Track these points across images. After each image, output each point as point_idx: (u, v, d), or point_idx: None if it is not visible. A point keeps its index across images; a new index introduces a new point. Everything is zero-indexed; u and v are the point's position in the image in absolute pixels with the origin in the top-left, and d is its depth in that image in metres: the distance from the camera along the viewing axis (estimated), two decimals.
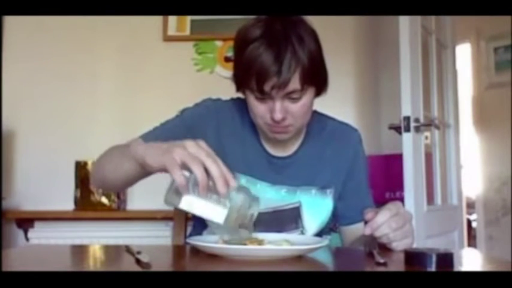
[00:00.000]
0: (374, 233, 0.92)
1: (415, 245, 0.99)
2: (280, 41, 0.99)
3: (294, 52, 0.99)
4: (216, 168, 0.81)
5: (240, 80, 1.08)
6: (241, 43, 1.03)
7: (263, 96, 1.03)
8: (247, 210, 0.85)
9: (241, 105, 1.17)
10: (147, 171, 0.92)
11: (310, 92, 1.06)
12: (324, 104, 1.21)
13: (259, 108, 1.06)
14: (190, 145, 0.83)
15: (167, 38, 2.69)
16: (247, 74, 1.02)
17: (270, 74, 0.98)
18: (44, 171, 2.60)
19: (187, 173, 0.82)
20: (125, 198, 2.58)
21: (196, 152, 0.82)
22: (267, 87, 1.00)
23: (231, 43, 2.20)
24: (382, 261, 0.78)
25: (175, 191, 0.83)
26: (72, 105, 2.66)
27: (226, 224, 0.84)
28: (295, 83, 1.01)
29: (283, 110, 1.03)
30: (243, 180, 1.13)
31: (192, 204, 0.84)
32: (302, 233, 1.15)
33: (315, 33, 1.06)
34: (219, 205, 0.84)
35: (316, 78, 1.05)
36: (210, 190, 0.82)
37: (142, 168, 0.92)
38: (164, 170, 0.83)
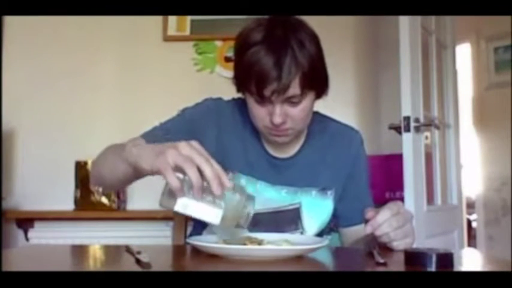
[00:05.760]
0: (375, 231, 0.92)
1: (415, 245, 0.99)
2: (280, 45, 0.99)
3: (294, 57, 0.99)
4: (210, 169, 0.79)
5: (240, 84, 1.08)
6: (242, 47, 1.03)
7: (263, 100, 1.02)
8: (242, 210, 0.84)
9: (242, 106, 1.16)
10: (141, 173, 0.90)
11: (310, 95, 1.05)
12: (324, 105, 1.21)
13: (259, 112, 1.06)
14: (183, 146, 0.81)
15: (167, 38, 2.69)
16: (247, 78, 1.02)
17: (270, 79, 0.98)
18: (44, 171, 2.60)
19: (181, 176, 0.81)
20: (124, 198, 2.58)
21: (189, 153, 0.80)
22: (266, 92, 1.00)
23: (231, 43, 2.20)
24: (382, 261, 0.78)
25: (170, 194, 0.82)
26: (72, 105, 2.66)
27: (222, 225, 0.83)
28: (295, 88, 1.00)
29: (282, 114, 1.03)
30: (243, 179, 1.13)
31: (187, 206, 0.83)
32: (302, 234, 1.14)
33: (316, 37, 1.06)
34: (214, 206, 0.83)
35: (316, 82, 1.05)
36: (204, 191, 0.81)
37: (136, 171, 0.91)
38: (158, 173, 0.81)
